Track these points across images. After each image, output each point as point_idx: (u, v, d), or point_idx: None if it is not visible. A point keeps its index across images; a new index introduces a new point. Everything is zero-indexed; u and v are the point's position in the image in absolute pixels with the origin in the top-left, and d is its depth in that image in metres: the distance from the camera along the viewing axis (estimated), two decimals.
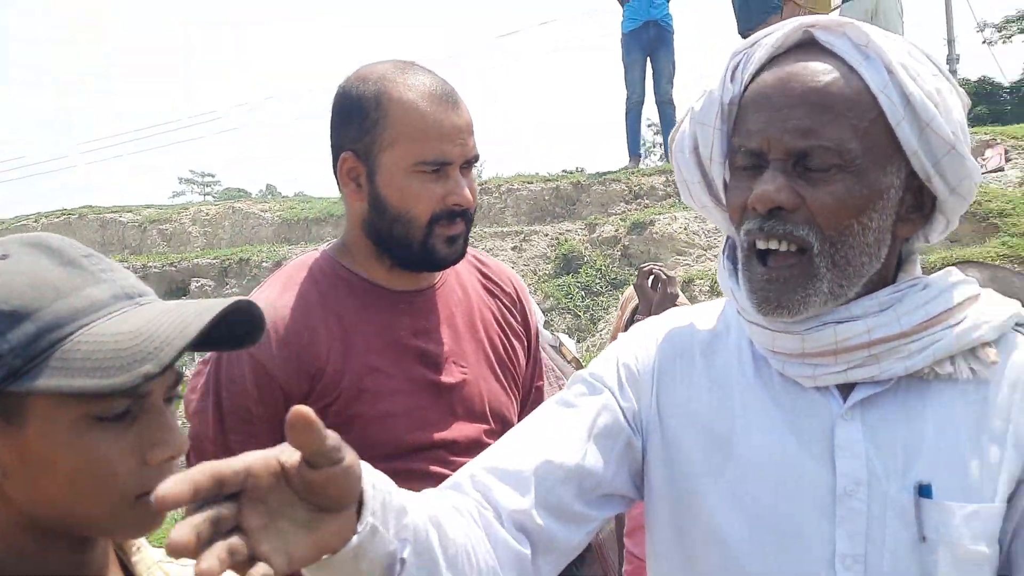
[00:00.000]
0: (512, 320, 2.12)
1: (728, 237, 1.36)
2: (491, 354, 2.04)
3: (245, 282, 9.25)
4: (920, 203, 1.27)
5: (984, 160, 8.37)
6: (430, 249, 1.87)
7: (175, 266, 10.03)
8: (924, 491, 1.19)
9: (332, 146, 1.93)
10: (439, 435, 1.88)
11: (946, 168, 1.22)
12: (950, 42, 20.25)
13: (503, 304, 2.12)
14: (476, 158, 1.92)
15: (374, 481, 0.99)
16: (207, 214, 11.92)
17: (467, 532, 1.15)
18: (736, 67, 1.28)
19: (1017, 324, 1.30)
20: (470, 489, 1.23)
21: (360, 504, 0.97)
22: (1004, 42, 31.14)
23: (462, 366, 1.96)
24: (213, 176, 62.25)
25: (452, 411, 1.92)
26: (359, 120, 1.86)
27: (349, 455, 0.91)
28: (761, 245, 1.22)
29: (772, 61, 1.24)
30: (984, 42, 31.11)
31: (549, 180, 9.89)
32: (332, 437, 0.88)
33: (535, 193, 9.64)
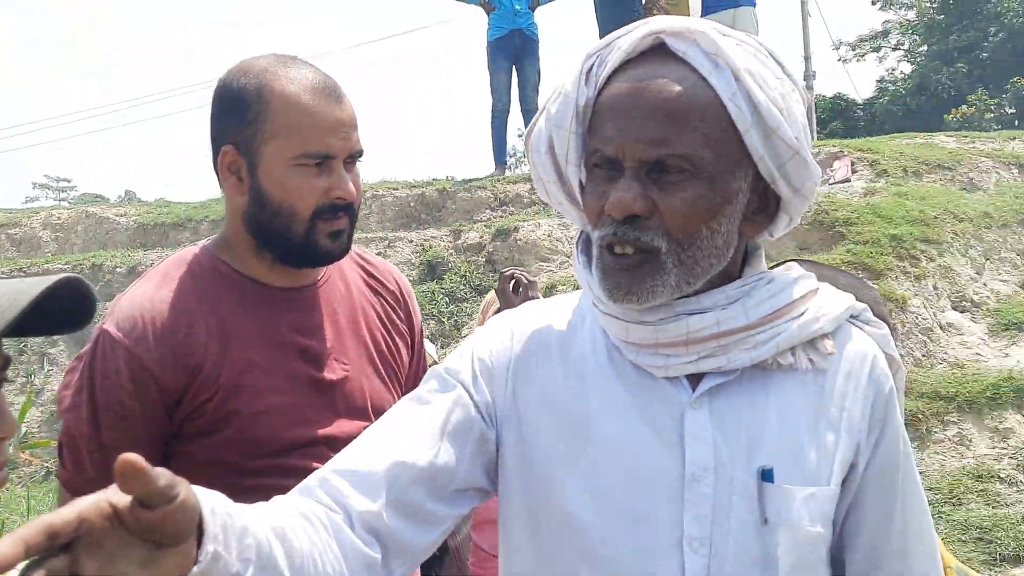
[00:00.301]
0: (395, 318, 2.11)
1: (582, 231, 1.38)
2: (373, 351, 2.02)
3: (98, 288, 8.95)
4: (765, 204, 1.30)
5: (832, 171, 8.72)
6: (313, 244, 1.85)
7: (24, 271, 9.64)
8: (766, 476, 1.24)
9: (212, 139, 1.89)
10: (320, 432, 1.86)
11: (790, 171, 1.25)
12: (807, 59, 20.95)
13: (386, 302, 2.11)
14: (360, 153, 1.90)
15: (213, 506, 0.97)
16: (59, 219, 11.51)
17: (313, 539, 1.14)
18: (590, 69, 1.29)
19: (852, 316, 1.36)
20: (320, 493, 1.22)
21: (200, 531, 0.95)
22: (858, 60, 32.56)
23: (344, 363, 1.94)
24: (69, 181, 59.71)
25: (334, 408, 1.90)
26: (240, 113, 1.83)
27: (183, 490, 0.89)
28: (618, 250, 1.24)
29: (626, 65, 1.25)
30: (839, 60, 32.44)
31: (415, 187, 9.88)
32: (164, 476, 0.87)
33: (400, 199, 9.62)
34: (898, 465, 1.33)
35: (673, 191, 1.21)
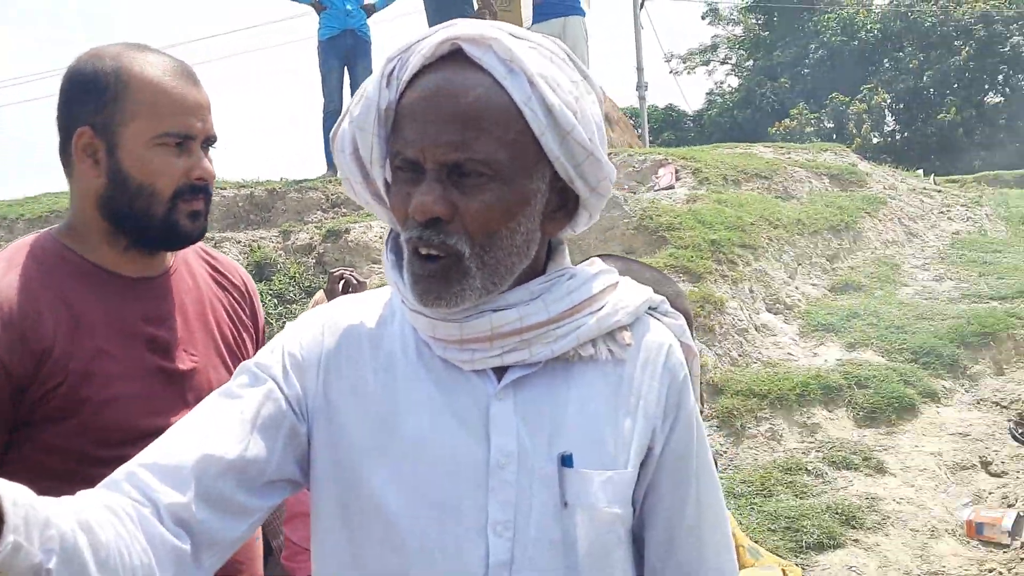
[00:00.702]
0: (241, 312, 2.13)
1: (391, 230, 1.40)
2: (221, 344, 2.03)
3: None
4: (565, 202, 1.35)
5: (657, 178, 9.01)
6: (173, 224, 1.85)
7: None
8: (566, 461, 1.29)
9: (63, 125, 1.86)
10: (172, 421, 1.82)
11: (586, 171, 1.30)
12: (639, 70, 21.51)
13: (232, 296, 2.12)
14: (215, 138, 1.92)
15: (15, 498, 0.97)
16: None
17: (120, 532, 1.13)
18: (391, 73, 1.30)
19: (650, 308, 1.43)
20: (127, 487, 1.20)
21: (1, 523, 0.94)
22: (688, 73, 33.71)
23: (193, 354, 1.94)
24: None
25: (183, 398, 1.89)
26: (97, 95, 1.82)
27: None
28: (423, 251, 1.27)
29: (425, 69, 1.27)
30: (671, 72, 33.51)
31: (244, 186, 9.66)
32: None
33: (228, 199, 9.38)
34: (692, 450, 1.40)
35: (472, 194, 1.24)
